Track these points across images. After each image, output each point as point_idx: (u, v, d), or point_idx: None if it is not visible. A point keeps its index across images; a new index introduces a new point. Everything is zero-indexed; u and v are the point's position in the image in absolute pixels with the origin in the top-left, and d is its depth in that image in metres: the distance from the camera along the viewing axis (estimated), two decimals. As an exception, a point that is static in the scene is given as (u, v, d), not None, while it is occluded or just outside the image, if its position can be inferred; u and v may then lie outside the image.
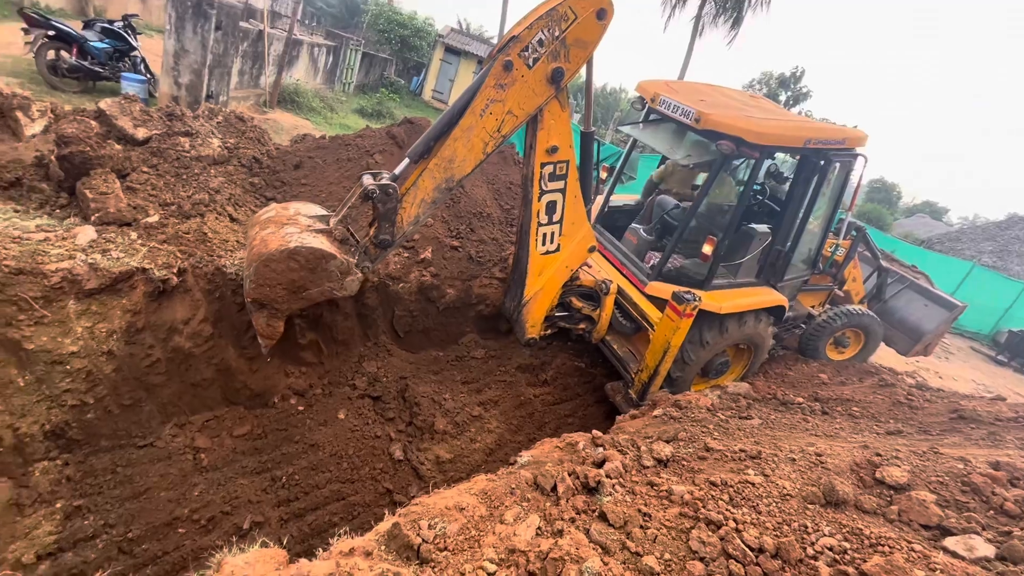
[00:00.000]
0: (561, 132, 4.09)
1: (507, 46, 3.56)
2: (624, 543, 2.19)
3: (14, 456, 3.70)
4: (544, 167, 4.16)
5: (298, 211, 3.92)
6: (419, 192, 3.75)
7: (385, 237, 3.78)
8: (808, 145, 4.60)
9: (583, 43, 3.73)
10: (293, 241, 3.47)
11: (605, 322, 5.25)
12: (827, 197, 5.40)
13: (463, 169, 3.80)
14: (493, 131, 3.75)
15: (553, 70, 3.70)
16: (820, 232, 5.69)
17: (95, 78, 8.39)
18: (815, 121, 5.96)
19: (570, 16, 3.56)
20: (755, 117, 4.48)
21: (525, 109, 3.80)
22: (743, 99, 5.39)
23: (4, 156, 4.42)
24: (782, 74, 27.80)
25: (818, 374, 5.70)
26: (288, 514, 4.02)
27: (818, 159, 4.87)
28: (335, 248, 3.64)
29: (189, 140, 5.45)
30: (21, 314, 3.55)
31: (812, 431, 3.56)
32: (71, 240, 3.97)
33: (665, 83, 5.24)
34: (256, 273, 3.50)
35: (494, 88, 3.62)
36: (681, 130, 4.92)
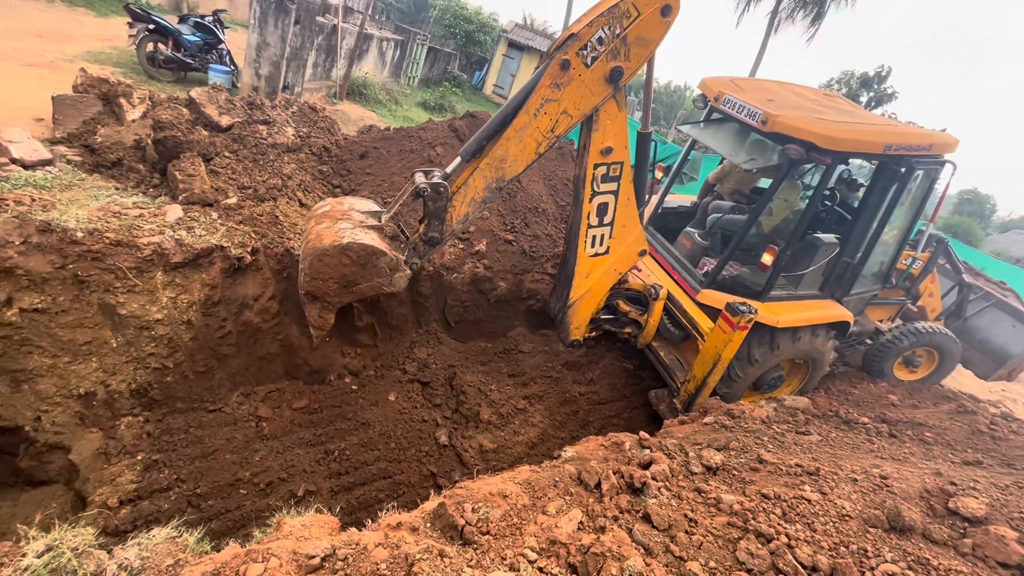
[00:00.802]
0: (617, 133, 3.96)
1: (565, 44, 3.46)
2: (668, 546, 2.16)
3: (105, 410, 4.10)
4: (597, 168, 4.05)
5: (352, 206, 4.01)
6: (469, 191, 3.75)
7: (434, 235, 3.82)
8: (888, 151, 4.26)
9: (645, 41, 3.58)
10: (346, 237, 3.57)
11: (652, 328, 5.09)
12: (906, 207, 5.01)
13: (515, 169, 3.76)
14: (547, 131, 3.68)
15: (612, 69, 3.57)
16: (896, 244, 5.29)
17: (187, 69, 9.07)
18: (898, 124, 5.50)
19: (632, 13, 3.42)
20: (828, 120, 4.19)
21: (581, 109, 3.70)
22: (816, 98, 5.05)
23: (109, 138, 4.87)
24: (864, 73, 25.94)
25: (887, 395, 5.33)
26: (338, 486, 4.23)
27: (898, 166, 4.51)
28: (385, 245, 3.71)
29: (267, 128, 5.80)
30: (117, 282, 3.91)
31: (877, 453, 3.34)
32: (161, 217, 4.32)
33: (730, 80, 4.99)
34: (310, 267, 3.63)
35: (549, 87, 3.53)
36: (745, 131, 4.69)
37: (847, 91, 25.90)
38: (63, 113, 5.20)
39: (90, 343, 3.95)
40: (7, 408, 3.82)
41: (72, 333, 3.87)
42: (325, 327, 4.04)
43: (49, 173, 4.32)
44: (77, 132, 5.01)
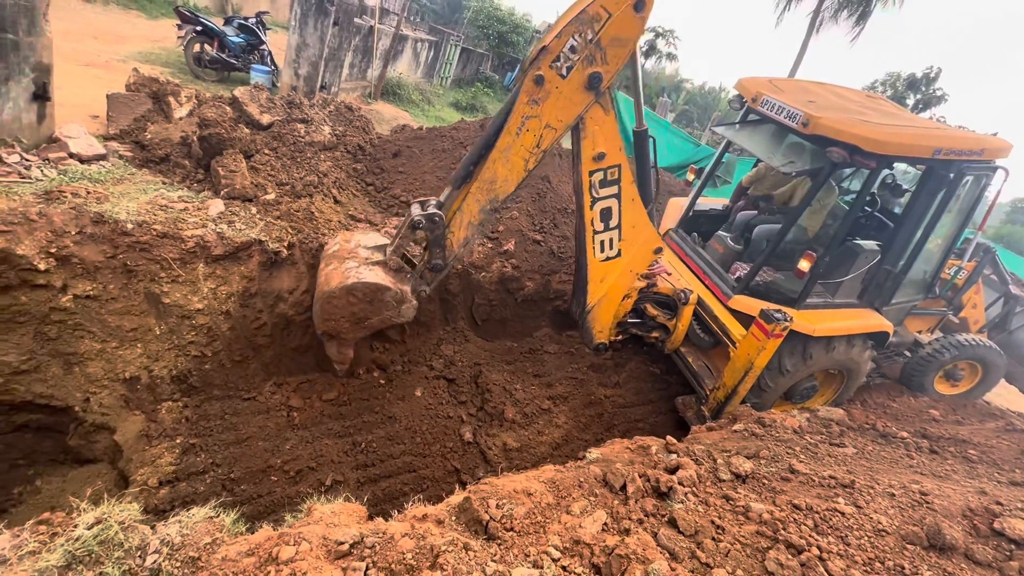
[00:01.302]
0: (607, 137, 3.83)
1: (538, 59, 3.33)
2: (694, 552, 2.13)
3: (147, 394, 4.29)
4: (593, 175, 3.95)
5: (359, 243, 4.14)
6: (465, 216, 3.76)
7: (437, 262, 3.89)
8: (937, 156, 4.06)
9: (621, 41, 3.39)
10: (351, 277, 3.69)
11: (681, 333, 4.99)
12: (953, 214, 4.78)
13: (506, 188, 3.72)
14: (532, 147, 3.60)
15: (590, 76, 3.42)
16: (940, 253, 5.06)
17: (230, 69, 9.40)
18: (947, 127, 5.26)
19: (603, 15, 3.24)
20: (873, 122, 4.02)
21: (564, 120, 3.59)
22: (859, 99, 4.86)
23: (158, 135, 5.09)
24: (912, 75, 24.92)
25: (928, 410, 5.11)
26: (364, 477, 4.32)
27: (947, 171, 4.31)
28: (390, 280, 3.80)
29: (304, 127, 5.96)
30: (162, 272, 4.09)
31: (917, 469, 3.21)
32: (204, 211, 4.50)
33: (768, 81, 4.85)
34: (321, 309, 3.78)
35: (528, 104, 3.43)
36: (782, 133, 4.55)
37: (892, 93, 24.95)
38: (116, 110, 5.47)
39: (136, 330, 4.15)
40: (59, 389, 4.04)
41: (120, 320, 4.07)
42: (346, 361, 4.28)
43: (103, 167, 4.55)
44: (129, 129, 5.26)
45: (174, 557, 1.88)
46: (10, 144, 4.17)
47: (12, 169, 3.99)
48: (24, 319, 3.75)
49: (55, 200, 3.84)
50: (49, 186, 3.99)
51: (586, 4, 3.24)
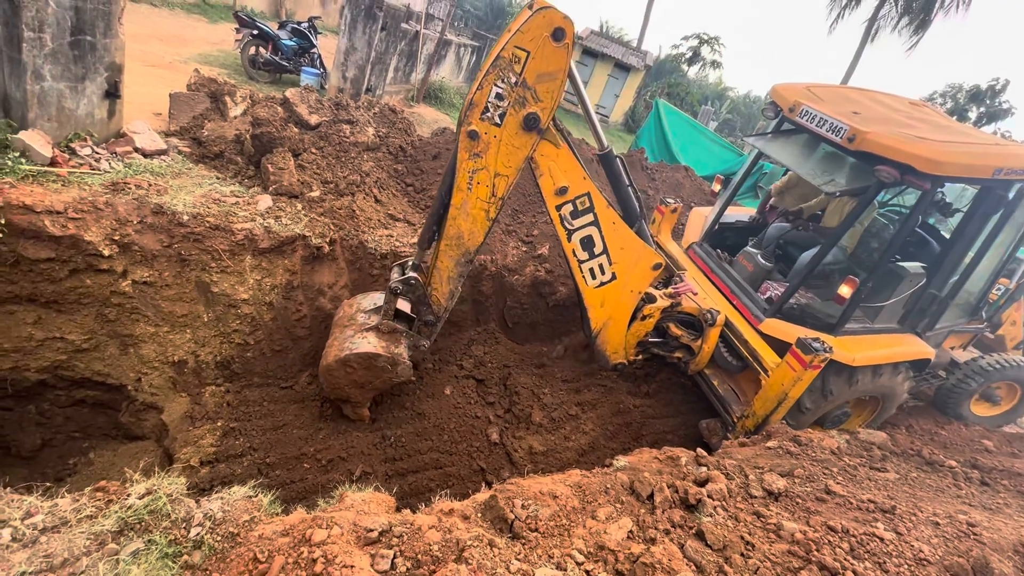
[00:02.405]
0: (566, 170, 3.66)
1: (466, 115, 3.22)
2: (721, 567, 2.09)
3: (193, 377, 4.51)
4: (561, 208, 3.81)
5: (359, 307, 4.32)
6: (442, 272, 3.82)
7: (428, 318, 4.03)
8: (998, 176, 3.76)
9: (549, 75, 3.17)
10: (345, 349, 3.87)
11: (707, 356, 4.74)
12: (1008, 234, 4.47)
13: (475, 240, 3.70)
14: (488, 197, 3.53)
15: (525, 118, 3.25)
16: (990, 275, 4.75)
17: (282, 71, 9.81)
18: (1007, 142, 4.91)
19: (521, 55, 3.05)
20: (929, 139, 3.72)
21: (513, 165, 3.45)
22: (905, 109, 4.56)
23: (214, 132, 5.37)
24: (976, 87, 23.63)
25: (981, 440, 4.83)
26: (392, 471, 4.41)
27: (1006, 191, 4.02)
28: (381, 346, 3.93)
29: (350, 128, 6.16)
30: (213, 262, 4.30)
31: (965, 500, 3.05)
32: (253, 206, 4.71)
33: (806, 88, 4.56)
34: (325, 382, 4.04)
35: (469, 160, 3.35)
36: (815, 142, 4.27)
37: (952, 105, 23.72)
38: (177, 109, 5.79)
39: (186, 316, 4.38)
40: (115, 368, 4.30)
41: (172, 305, 4.30)
42: (364, 417, 4.51)
43: (163, 162, 4.83)
44: (188, 126, 5.57)
45: (215, 531, 1.98)
46: (83, 138, 4.48)
47: (84, 161, 4.28)
48: (88, 301, 4.02)
49: (120, 191, 4.11)
50: (115, 177, 4.26)
51: (500, 48, 3.07)
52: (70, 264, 3.83)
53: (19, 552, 1.77)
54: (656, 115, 12.76)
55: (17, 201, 3.56)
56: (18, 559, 1.75)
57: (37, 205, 3.63)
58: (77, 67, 4.27)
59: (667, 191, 8.59)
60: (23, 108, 4.05)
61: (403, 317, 4.12)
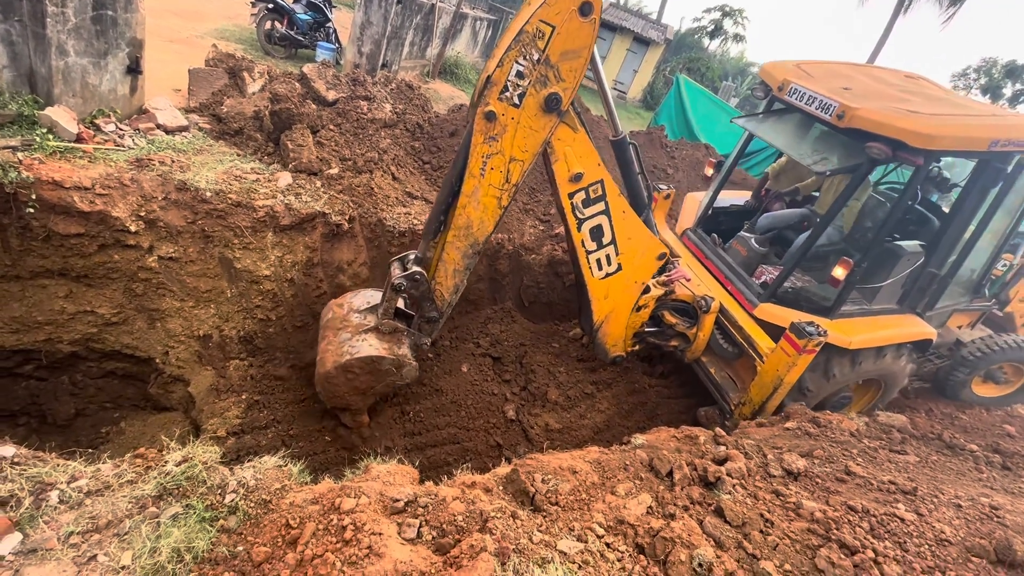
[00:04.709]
0: (580, 155, 3.51)
1: (484, 92, 3.01)
2: (741, 542, 2.12)
3: (218, 351, 4.62)
4: (574, 196, 3.66)
5: (351, 308, 3.99)
6: (448, 264, 3.58)
7: (432, 314, 3.76)
8: (994, 148, 3.61)
9: (573, 53, 3.02)
10: (344, 355, 3.59)
11: (702, 343, 4.65)
12: (1008, 209, 4.29)
13: (484, 230, 3.50)
14: (501, 184, 3.34)
15: (546, 98, 3.09)
16: (992, 251, 4.58)
17: (298, 46, 9.74)
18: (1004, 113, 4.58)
19: (546, 30, 2.88)
20: (921, 112, 3.56)
21: (530, 151, 3.29)
22: (899, 83, 4.37)
23: (233, 109, 5.38)
24: (1012, 62, 22.61)
25: (1003, 424, 4.77)
26: (412, 445, 4.50)
27: (1004, 164, 3.84)
28: (384, 348, 3.67)
29: (367, 104, 6.12)
30: (235, 239, 4.36)
31: (987, 483, 3.03)
32: (274, 183, 4.74)
33: (796, 65, 4.39)
34: (323, 390, 3.76)
35: (485, 143, 3.14)
36: (808, 122, 4.13)
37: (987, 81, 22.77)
38: (196, 84, 5.80)
39: (210, 291, 4.46)
40: (143, 341, 4.42)
41: (197, 281, 4.39)
42: (364, 424, 4.29)
43: (185, 138, 4.87)
44: (207, 102, 5.58)
45: (249, 498, 2.06)
46: (107, 114, 4.52)
47: (108, 137, 4.33)
48: (116, 276, 4.11)
49: (145, 167, 4.16)
50: (139, 154, 4.31)
51: (523, 22, 2.89)
52: (99, 239, 3.92)
53: (66, 513, 1.86)
54: (676, 91, 12.45)
55: (47, 177, 3.62)
56: (66, 519, 1.84)
57: (66, 181, 3.69)
58: (99, 42, 4.28)
59: (687, 170, 8.44)
60: (48, 84, 4.09)
61: (401, 315, 3.89)
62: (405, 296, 3.71)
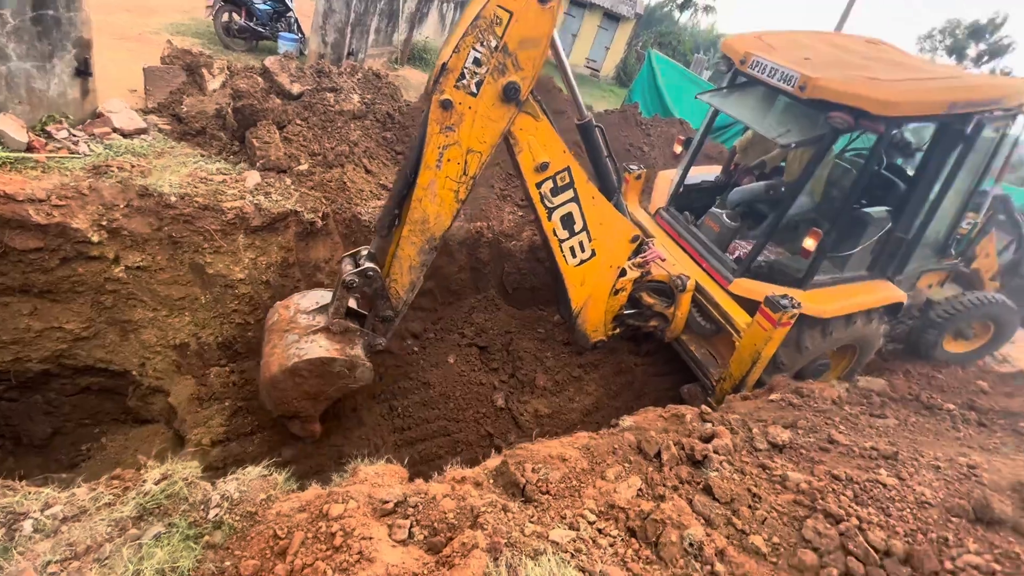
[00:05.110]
0: (545, 143, 3.42)
1: (439, 80, 2.91)
2: (730, 519, 2.15)
3: (197, 359, 4.52)
4: (541, 185, 3.57)
5: (298, 308, 3.76)
6: (403, 261, 3.46)
7: (386, 313, 3.61)
8: (953, 111, 3.65)
9: (532, 42, 2.93)
10: (292, 357, 3.37)
11: (680, 322, 4.64)
12: (970, 169, 4.35)
13: (441, 224, 3.37)
14: (459, 176, 3.23)
15: (504, 87, 2.99)
16: (956, 212, 4.66)
17: (258, 38, 9.40)
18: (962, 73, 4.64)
19: (503, 17, 2.78)
20: (880, 79, 3.56)
21: (488, 141, 3.18)
22: (861, 50, 4.37)
23: (194, 108, 5.18)
24: (975, 22, 22.94)
25: (976, 381, 4.92)
26: (401, 440, 4.49)
27: (964, 126, 3.88)
28: (335, 349, 3.47)
29: (334, 95, 5.95)
30: (205, 243, 4.23)
31: (964, 442, 3.13)
32: (242, 183, 4.59)
33: (757, 37, 4.37)
34: (269, 396, 3.51)
35: (441, 134, 3.03)
36: (772, 94, 4.10)
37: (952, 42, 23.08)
38: (153, 84, 5.57)
39: (183, 299, 4.34)
40: (117, 354, 4.29)
41: (168, 289, 4.26)
42: (316, 433, 3.98)
43: (144, 141, 4.68)
44: (166, 102, 5.36)
45: (233, 511, 2.02)
46: (58, 120, 4.32)
47: (61, 144, 4.14)
48: (82, 289, 3.97)
49: (103, 174, 3.99)
50: (96, 160, 4.13)
51: (480, 7, 2.79)
52: (60, 252, 3.76)
53: (43, 542, 1.80)
54: (649, 67, 12.36)
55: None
56: (42, 549, 1.78)
57: (18, 194, 3.53)
58: (43, 44, 4.06)
59: (663, 147, 8.42)
60: (-9, 91, 3.88)
61: (353, 314, 3.71)
62: (357, 295, 3.54)
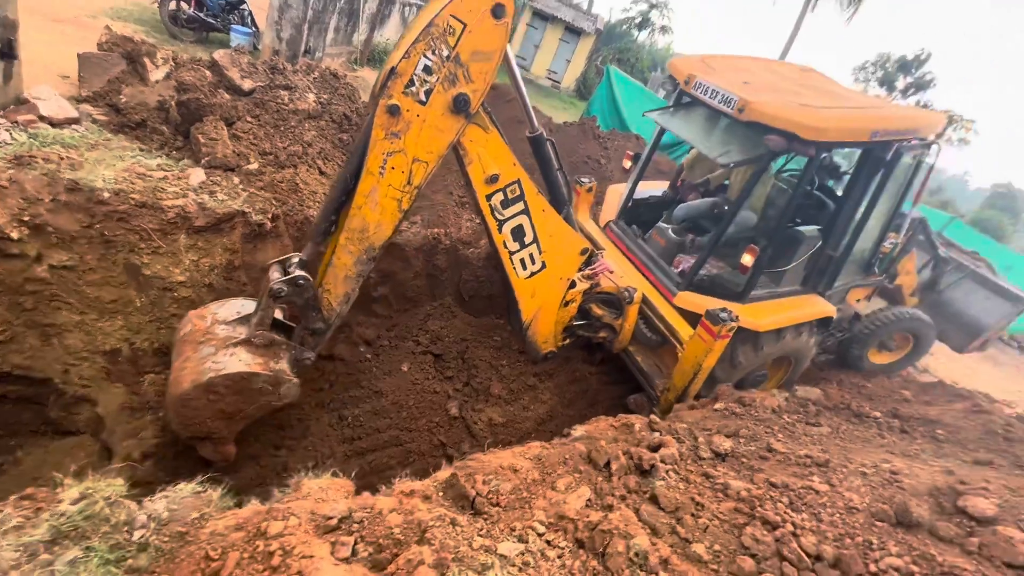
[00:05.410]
0: (495, 156, 3.40)
1: (387, 84, 2.82)
2: (674, 527, 2.20)
3: (129, 366, 4.23)
4: (492, 198, 3.55)
5: (216, 318, 3.45)
6: (339, 271, 3.28)
7: (317, 325, 3.41)
8: (875, 139, 3.95)
9: (484, 55, 2.92)
10: (206, 372, 3.06)
11: (628, 333, 4.76)
12: (891, 193, 4.71)
13: (382, 234, 3.25)
14: (402, 185, 3.13)
15: (454, 98, 2.95)
16: (879, 232, 5.04)
17: (208, 29, 9.00)
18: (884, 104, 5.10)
19: (456, 27, 2.76)
20: (812, 106, 3.82)
21: (435, 152, 3.12)
22: (794, 77, 4.67)
23: (134, 99, 4.89)
24: (903, 57, 24.90)
25: (900, 390, 5.29)
26: (351, 451, 4.35)
27: (884, 153, 4.20)
28: (258, 363, 3.20)
29: (288, 94, 5.77)
30: (142, 243, 3.99)
31: (888, 448, 3.34)
32: (185, 180, 4.36)
33: (701, 60, 4.59)
34: (177, 415, 3.16)
35: (386, 140, 2.93)
36: (716, 115, 4.31)
37: (883, 74, 24.93)
38: (88, 71, 5.22)
39: (116, 301, 4.06)
40: (38, 360, 3.96)
41: (98, 291, 3.97)
42: (229, 457, 3.63)
43: (76, 132, 4.37)
44: (102, 91, 5.04)
45: (162, 532, 1.89)
46: (-25, 105, 3.97)
47: (-22, 131, 3.80)
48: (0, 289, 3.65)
49: (26, 166, 3.69)
50: (18, 150, 3.82)
51: (432, 14, 2.74)
52: (-28, 249, 3.45)
53: (-65, 572, 1.62)
54: (607, 82, 12.70)
55: (-101, 179, 3.13)
56: (-65, 579, 1.61)
57: (-75, 183, 3.21)
58: (-40, 22, 3.73)
59: (619, 160, 8.64)
60: None
61: (280, 326, 3.46)
62: (285, 305, 3.33)
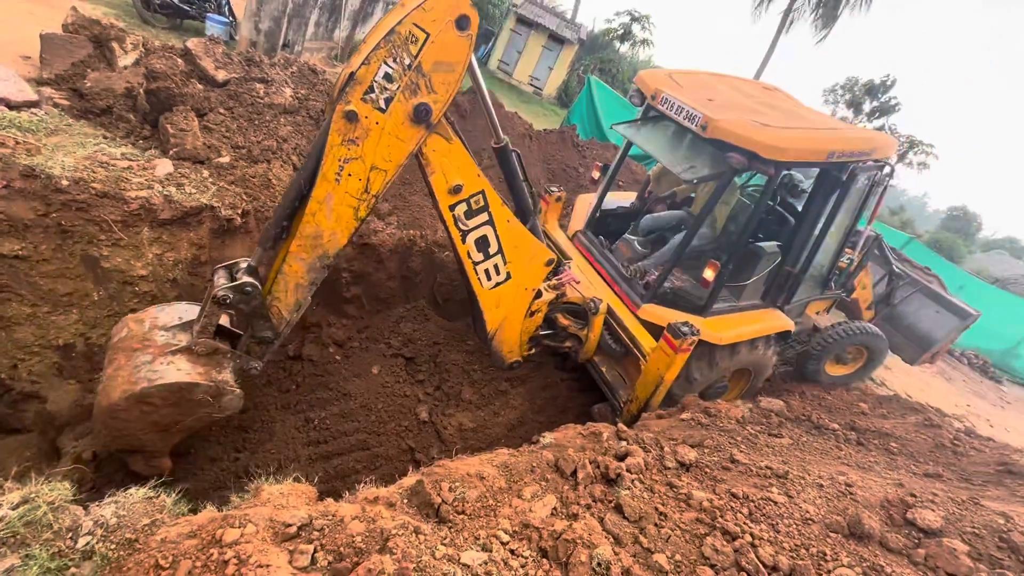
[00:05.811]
0: (458, 166, 3.36)
1: (345, 89, 2.75)
2: (637, 537, 2.23)
3: (84, 362, 4.05)
4: (455, 208, 3.50)
5: (155, 323, 3.21)
6: (289, 278, 3.16)
7: (265, 334, 3.27)
8: (832, 159, 4.09)
9: (447, 66, 2.88)
10: (140, 381, 2.84)
11: (593, 344, 4.80)
12: (848, 211, 4.90)
13: (337, 242, 3.15)
14: (360, 193, 3.04)
15: (415, 108, 2.90)
16: (836, 248, 5.24)
17: (183, 16, 8.76)
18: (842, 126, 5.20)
19: (419, 36, 2.71)
20: (773, 126, 3.88)
21: (394, 161, 3.05)
22: (757, 94, 4.78)
23: (99, 84, 4.70)
24: (870, 81, 25.94)
25: (858, 403, 5.48)
26: (317, 454, 4.26)
27: (841, 173, 4.37)
28: (197, 373, 3.01)
29: (264, 87, 5.64)
30: (102, 234, 3.83)
31: (844, 460, 3.46)
32: (151, 171, 4.22)
33: (668, 75, 4.67)
34: (105, 427, 2.94)
35: (342, 146, 2.85)
36: (682, 131, 4.38)
37: (851, 97, 25.91)
38: (51, 53, 5.00)
39: (71, 294, 3.89)
40: (-18, 354, 3.76)
41: (53, 283, 3.80)
42: (164, 469, 3.33)
43: (35, 116, 4.18)
44: (66, 74, 4.84)
45: (109, 539, 1.81)
46: (-76, 82, 3.76)
47: (-73, 110, 3.60)
48: (-59, 278, 3.45)
49: (-22, 149, 3.51)
50: (-29, 132, 3.63)
51: (395, 21, 2.68)
52: (-86, 234, 3.25)
53: None
54: (588, 92, 12.85)
55: None
56: None
57: None
58: (-89, -6, 3.53)
59: (597, 169, 8.74)
60: None
61: (225, 334, 3.29)
62: (231, 312, 3.16)
